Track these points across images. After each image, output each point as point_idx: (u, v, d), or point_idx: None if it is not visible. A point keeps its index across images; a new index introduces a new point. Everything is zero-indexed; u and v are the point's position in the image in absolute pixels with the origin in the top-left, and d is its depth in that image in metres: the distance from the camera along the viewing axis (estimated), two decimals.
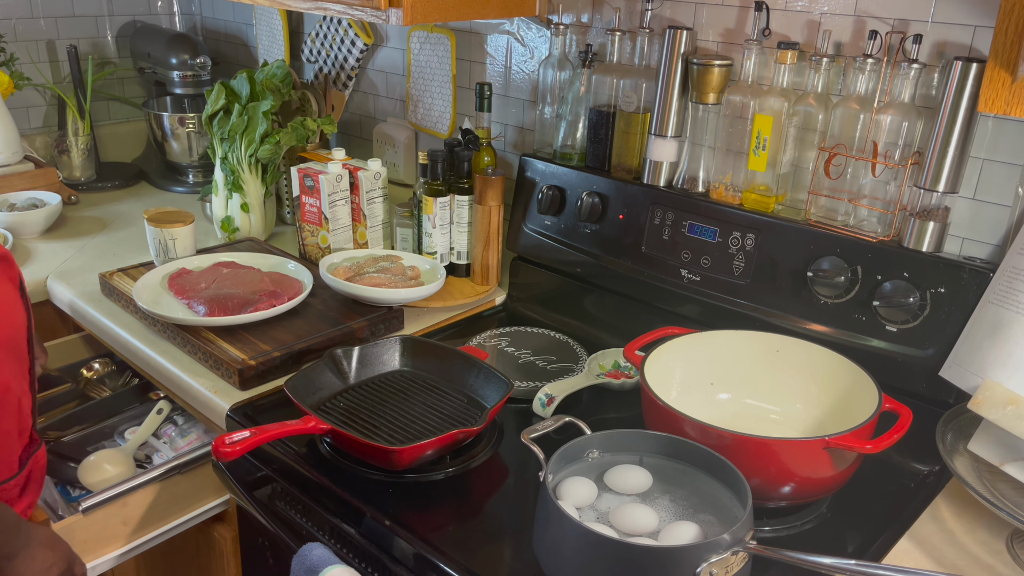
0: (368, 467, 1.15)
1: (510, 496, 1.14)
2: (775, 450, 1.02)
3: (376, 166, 1.70)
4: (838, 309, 1.28)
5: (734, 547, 0.87)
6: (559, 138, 1.62)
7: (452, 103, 1.91)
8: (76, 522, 1.27)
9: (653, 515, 0.97)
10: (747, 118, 1.36)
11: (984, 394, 1.09)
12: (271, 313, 1.44)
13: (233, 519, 1.39)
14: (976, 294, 1.17)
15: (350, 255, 1.65)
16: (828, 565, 0.86)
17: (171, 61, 2.26)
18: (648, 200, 1.48)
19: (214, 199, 1.87)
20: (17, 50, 2.19)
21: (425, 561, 1.01)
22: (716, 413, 1.23)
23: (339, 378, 1.30)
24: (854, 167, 1.29)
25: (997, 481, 1.08)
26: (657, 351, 1.20)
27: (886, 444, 1.00)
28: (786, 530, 1.08)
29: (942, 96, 1.17)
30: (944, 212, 1.23)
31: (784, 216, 1.36)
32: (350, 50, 2.08)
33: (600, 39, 1.58)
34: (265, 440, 1.10)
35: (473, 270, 1.69)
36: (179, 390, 1.40)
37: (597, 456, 1.05)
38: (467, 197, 1.63)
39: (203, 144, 2.22)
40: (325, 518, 1.14)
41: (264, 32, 2.31)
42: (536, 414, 1.29)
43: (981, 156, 1.22)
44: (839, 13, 1.30)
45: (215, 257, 1.65)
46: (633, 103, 1.51)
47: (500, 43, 1.77)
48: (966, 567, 1.01)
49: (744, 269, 1.37)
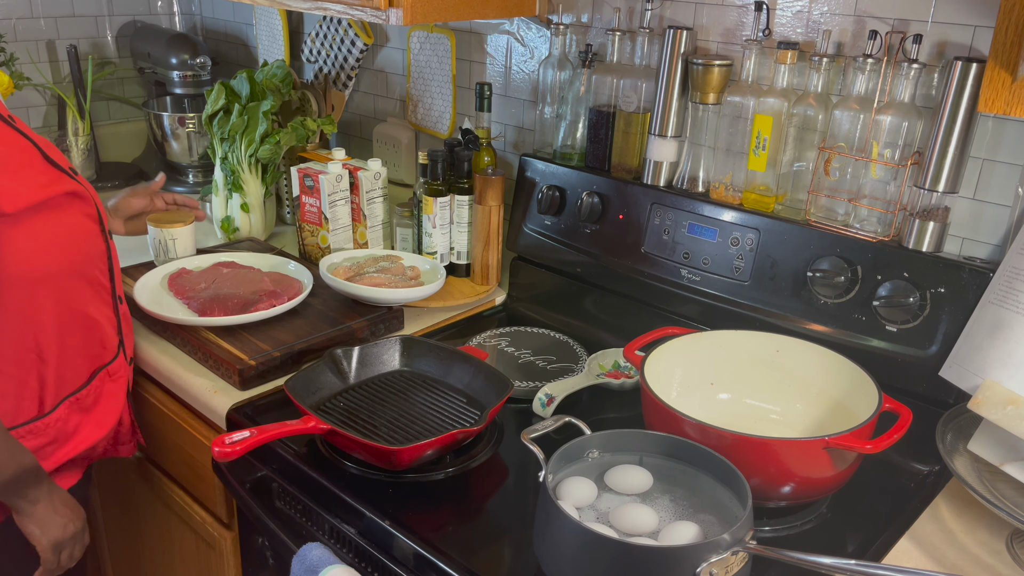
0: (368, 467, 1.15)
1: (510, 496, 1.14)
2: (775, 450, 1.02)
3: (376, 166, 1.70)
4: (838, 309, 1.28)
5: (734, 547, 0.87)
6: (559, 138, 1.62)
7: (452, 103, 1.91)
8: None
9: (653, 515, 0.97)
10: (747, 118, 1.36)
11: (984, 394, 1.09)
12: (271, 313, 1.44)
13: (233, 519, 1.39)
14: (976, 294, 1.17)
15: (350, 255, 1.65)
16: (828, 565, 0.86)
17: (171, 61, 2.26)
18: (648, 200, 1.48)
19: (214, 199, 1.87)
20: (17, 50, 2.19)
21: (425, 561, 1.01)
22: (716, 413, 1.23)
23: (339, 378, 1.30)
24: (854, 167, 1.29)
25: (997, 481, 1.08)
26: (657, 351, 1.20)
27: (886, 444, 1.00)
28: (786, 530, 1.08)
29: (942, 96, 1.17)
30: (944, 212, 1.23)
31: (784, 216, 1.36)
32: (350, 50, 2.07)
33: (600, 39, 1.58)
34: (265, 440, 1.10)
35: (473, 270, 1.69)
36: (179, 390, 1.40)
37: (597, 456, 1.05)
38: (467, 197, 1.63)
39: (203, 144, 2.22)
40: (325, 518, 1.14)
41: (264, 32, 2.31)
42: (536, 414, 1.29)
43: (981, 156, 1.22)
44: (839, 13, 1.30)
45: (215, 257, 1.65)
46: (633, 103, 1.51)
47: (500, 43, 1.77)
48: (966, 567, 1.01)
49: (744, 269, 1.37)
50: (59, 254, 1.19)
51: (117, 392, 1.34)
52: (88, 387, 1.28)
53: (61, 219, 1.19)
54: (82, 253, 1.23)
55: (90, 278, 1.26)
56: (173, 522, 1.56)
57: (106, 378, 1.31)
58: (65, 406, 1.26)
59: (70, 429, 1.27)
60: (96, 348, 1.29)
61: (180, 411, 1.42)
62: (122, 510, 1.72)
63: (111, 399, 1.33)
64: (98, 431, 1.32)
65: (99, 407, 1.31)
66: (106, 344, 1.30)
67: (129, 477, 1.63)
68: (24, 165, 1.14)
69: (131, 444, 1.44)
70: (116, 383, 1.34)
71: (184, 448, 1.43)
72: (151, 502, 1.60)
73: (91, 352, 1.29)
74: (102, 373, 1.30)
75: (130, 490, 1.66)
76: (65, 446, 1.28)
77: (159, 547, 1.64)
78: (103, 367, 1.31)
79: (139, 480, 1.61)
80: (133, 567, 1.77)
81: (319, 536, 1.16)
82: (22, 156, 1.15)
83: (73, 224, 1.21)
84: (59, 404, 1.25)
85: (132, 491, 1.65)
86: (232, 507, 1.38)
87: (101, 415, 1.32)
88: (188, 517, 1.49)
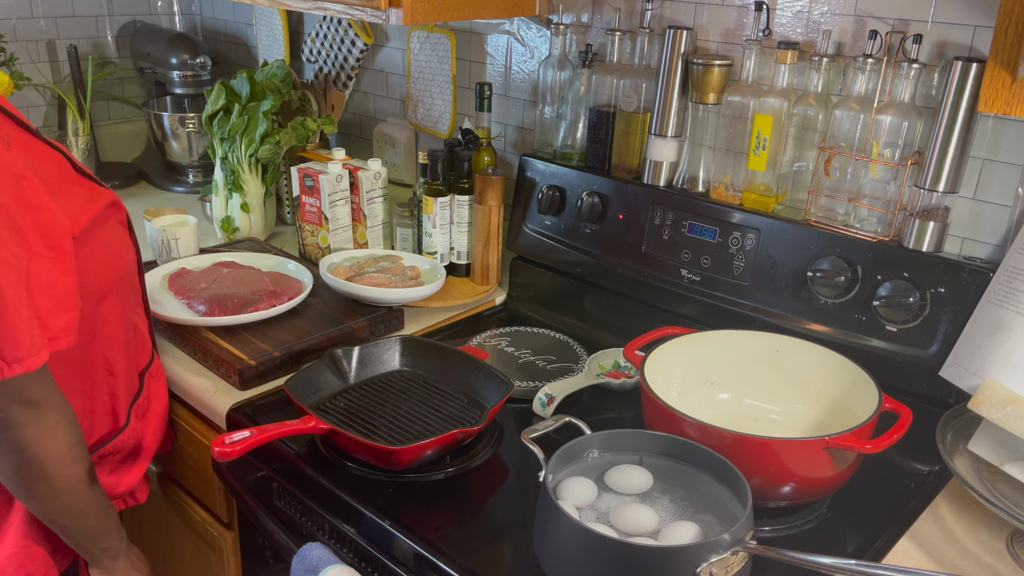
0: (368, 467, 1.15)
1: (510, 496, 1.14)
2: (775, 450, 1.02)
3: (376, 166, 1.70)
4: (838, 309, 1.28)
5: (734, 547, 0.87)
6: (559, 138, 1.62)
7: (452, 103, 1.91)
8: None
9: (653, 515, 0.97)
10: (747, 118, 1.36)
11: (984, 394, 1.09)
12: (271, 313, 1.44)
13: (233, 519, 1.39)
14: (976, 294, 1.17)
15: (350, 255, 1.65)
16: (828, 565, 0.86)
17: (171, 61, 2.26)
18: (648, 200, 1.48)
19: (214, 199, 1.87)
20: (17, 50, 2.19)
21: (425, 561, 1.01)
22: (716, 413, 1.23)
23: (339, 378, 1.30)
24: (854, 167, 1.29)
25: (997, 481, 1.08)
26: (657, 351, 1.20)
27: (886, 444, 1.00)
28: (786, 530, 1.08)
29: (942, 96, 1.17)
30: (944, 212, 1.23)
31: (784, 216, 1.36)
32: (350, 50, 2.07)
33: (600, 39, 1.58)
34: (265, 440, 1.10)
35: (473, 270, 1.69)
36: (179, 390, 1.39)
37: (597, 456, 1.05)
38: (467, 197, 1.63)
39: (203, 144, 2.22)
40: (325, 518, 1.14)
41: (264, 32, 2.31)
42: (536, 414, 1.29)
43: (981, 156, 1.22)
44: (839, 13, 1.30)
45: (215, 257, 1.65)
46: (633, 103, 1.51)
47: (500, 43, 1.77)
48: (966, 567, 1.01)
49: (744, 269, 1.37)
50: (112, 265, 1.18)
51: (161, 392, 1.35)
52: (143, 393, 1.29)
53: (107, 230, 1.17)
54: (125, 260, 1.22)
55: (133, 285, 1.26)
56: (173, 522, 1.56)
57: (151, 380, 1.31)
58: (133, 416, 1.26)
59: (140, 437, 1.28)
60: (141, 352, 1.29)
61: (180, 411, 1.42)
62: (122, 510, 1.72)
63: (158, 400, 1.34)
64: (157, 434, 1.33)
65: (152, 410, 1.32)
66: (144, 346, 1.30)
67: None
68: (65, 181, 1.10)
69: (168, 440, 1.43)
70: (158, 383, 1.34)
71: (184, 448, 1.43)
72: (151, 502, 1.60)
73: (138, 357, 1.29)
74: (146, 376, 1.30)
75: None
76: (139, 457, 1.29)
77: (159, 547, 1.64)
78: (146, 369, 1.30)
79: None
80: None
81: (319, 536, 1.16)
82: (58, 171, 1.10)
83: (115, 233, 1.20)
84: (129, 415, 1.25)
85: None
86: (232, 507, 1.38)
87: (155, 418, 1.33)
88: (188, 517, 1.49)
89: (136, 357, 1.28)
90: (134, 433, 1.27)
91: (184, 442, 1.42)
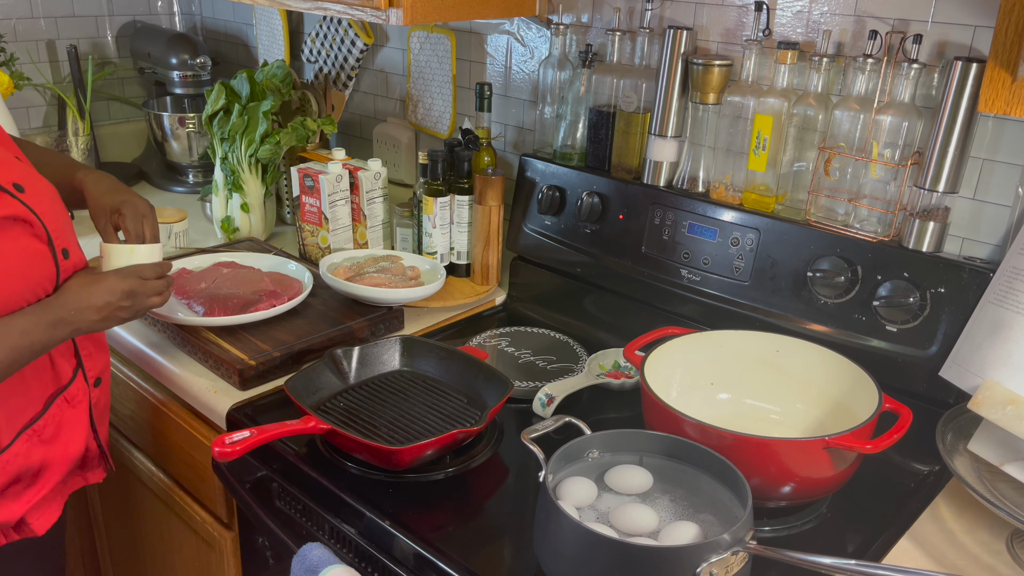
0: (368, 467, 1.15)
1: (510, 496, 1.14)
2: (775, 450, 1.02)
3: (376, 166, 1.70)
4: (838, 309, 1.28)
5: (734, 547, 0.87)
6: (559, 138, 1.62)
7: (452, 103, 1.91)
8: None
9: (653, 515, 0.97)
10: (747, 118, 1.36)
11: (984, 394, 1.09)
12: (271, 313, 1.44)
13: (233, 519, 1.39)
14: (976, 294, 1.17)
15: (350, 255, 1.65)
16: (828, 565, 0.86)
17: (171, 61, 2.26)
18: (648, 200, 1.48)
19: (214, 199, 1.87)
20: (17, 50, 2.19)
21: (425, 561, 1.01)
22: (716, 413, 1.23)
23: (339, 378, 1.30)
24: (854, 167, 1.29)
25: (997, 481, 1.08)
26: (657, 351, 1.20)
27: (886, 444, 1.00)
28: (786, 530, 1.08)
29: (942, 96, 1.17)
30: (944, 212, 1.23)
31: (784, 216, 1.36)
32: (350, 50, 2.07)
33: (600, 39, 1.58)
34: (265, 440, 1.10)
35: (473, 270, 1.69)
36: (179, 390, 1.40)
37: (597, 456, 1.05)
38: (467, 197, 1.63)
39: (203, 144, 2.22)
40: (325, 518, 1.14)
41: (264, 32, 2.31)
42: (536, 414, 1.29)
43: (981, 156, 1.22)
44: (839, 13, 1.30)
45: (215, 257, 1.65)
46: (633, 103, 1.51)
47: (500, 43, 1.77)
48: (966, 567, 1.01)
49: (744, 269, 1.37)
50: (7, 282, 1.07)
51: (78, 419, 1.23)
52: (44, 416, 1.17)
53: (4, 245, 1.06)
54: (24, 279, 1.09)
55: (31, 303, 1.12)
56: (173, 522, 1.56)
57: (64, 405, 1.20)
58: (23, 439, 1.15)
59: (35, 464, 1.18)
60: (46, 374, 1.17)
61: (180, 411, 1.42)
62: (122, 510, 1.72)
63: (73, 427, 1.22)
64: (64, 463, 1.22)
65: (61, 437, 1.21)
66: (57, 370, 1.19)
67: (129, 477, 1.63)
68: None
69: (100, 470, 1.34)
70: (76, 409, 1.22)
71: (184, 448, 1.43)
72: (151, 502, 1.60)
73: (41, 379, 1.17)
74: (58, 400, 1.19)
75: (130, 490, 1.66)
76: (35, 484, 1.19)
77: (159, 547, 1.64)
78: (57, 393, 1.19)
79: (139, 480, 1.61)
80: (133, 567, 1.77)
81: (319, 536, 1.16)
82: None
83: (14, 249, 1.08)
84: (16, 437, 1.14)
85: (132, 491, 1.65)
86: (232, 507, 1.38)
87: (64, 445, 1.21)
88: (188, 517, 1.49)
89: (36, 377, 1.16)
90: (23, 460, 1.16)
91: (184, 442, 1.42)
